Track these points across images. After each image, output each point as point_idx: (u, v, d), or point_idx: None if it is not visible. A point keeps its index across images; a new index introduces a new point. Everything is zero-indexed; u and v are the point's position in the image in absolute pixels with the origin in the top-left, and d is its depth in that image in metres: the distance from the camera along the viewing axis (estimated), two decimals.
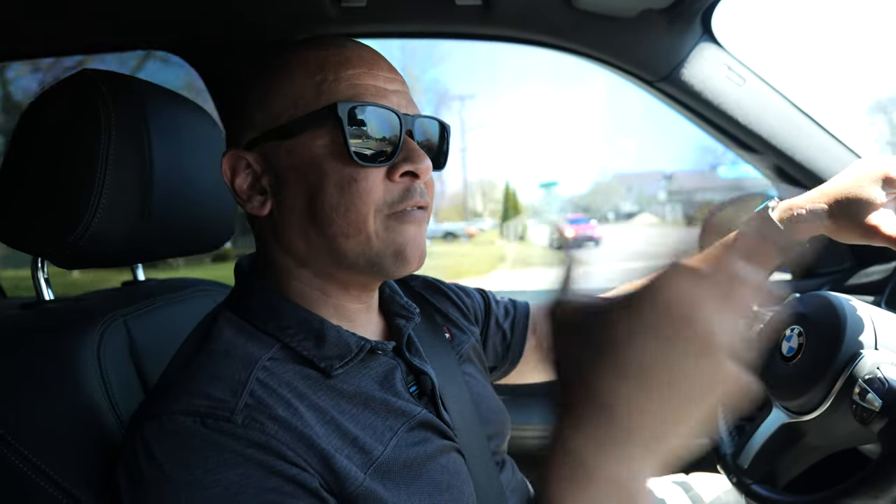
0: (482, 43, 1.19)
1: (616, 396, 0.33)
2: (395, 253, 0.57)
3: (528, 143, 53.64)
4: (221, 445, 0.46)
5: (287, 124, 0.56)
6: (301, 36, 1.14)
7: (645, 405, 0.33)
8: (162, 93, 0.75)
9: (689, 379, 0.33)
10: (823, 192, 0.72)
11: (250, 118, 0.58)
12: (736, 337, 0.34)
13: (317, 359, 0.56)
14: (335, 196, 0.55)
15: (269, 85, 0.57)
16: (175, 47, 1.17)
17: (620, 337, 0.34)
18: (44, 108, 0.67)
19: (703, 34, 1.07)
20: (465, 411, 0.68)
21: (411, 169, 0.57)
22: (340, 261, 0.58)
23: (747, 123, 1.09)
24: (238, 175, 0.59)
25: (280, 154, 0.57)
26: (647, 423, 0.33)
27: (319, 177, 0.55)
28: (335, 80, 0.56)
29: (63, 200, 0.63)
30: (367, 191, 0.55)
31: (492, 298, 0.88)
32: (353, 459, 0.52)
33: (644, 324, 0.33)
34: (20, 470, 0.55)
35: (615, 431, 0.33)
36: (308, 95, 0.56)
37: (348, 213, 0.55)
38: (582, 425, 0.34)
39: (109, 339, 0.68)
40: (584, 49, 1.11)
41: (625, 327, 0.34)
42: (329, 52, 0.57)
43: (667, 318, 0.33)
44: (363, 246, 0.56)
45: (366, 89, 0.56)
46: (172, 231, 0.76)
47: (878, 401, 0.64)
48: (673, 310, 0.33)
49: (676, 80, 1.08)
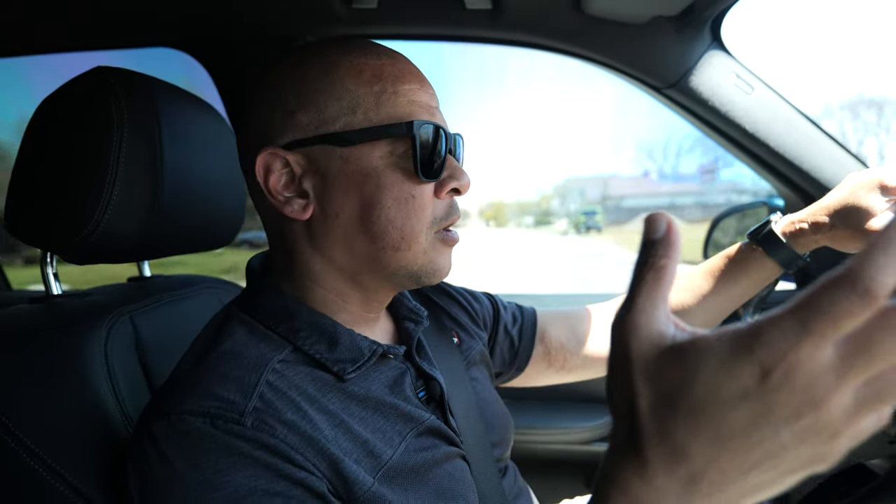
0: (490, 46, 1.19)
1: (704, 458, 0.27)
2: (433, 272, 0.59)
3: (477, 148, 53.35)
4: (231, 447, 0.47)
5: (344, 132, 0.55)
6: (310, 36, 1.15)
7: (734, 476, 0.27)
8: (173, 90, 0.76)
9: (791, 461, 0.27)
10: (823, 205, 0.73)
11: (291, 118, 0.56)
12: (861, 432, 0.26)
13: (329, 362, 0.57)
14: (393, 209, 0.55)
15: (316, 87, 0.56)
16: (182, 44, 1.18)
17: (729, 399, 0.26)
18: (57, 104, 0.67)
19: (712, 42, 1.07)
20: (470, 417, 0.68)
21: (456, 186, 0.59)
22: (380, 271, 0.58)
23: (755, 132, 1.09)
24: (272, 174, 0.56)
25: (333, 159, 0.55)
26: (729, 490, 0.28)
27: (377, 188, 0.55)
28: (394, 93, 0.56)
29: (75, 197, 0.64)
30: (424, 206, 0.57)
31: (500, 304, 0.88)
32: (361, 464, 0.53)
33: (759, 393, 0.26)
34: (27, 464, 0.55)
35: (692, 493, 0.28)
36: (367, 105, 0.55)
37: (404, 227, 0.56)
38: (655, 479, 0.29)
39: (116, 335, 0.68)
40: (593, 54, 1.11)
41: (735, 386, 0.26)
42: (382, 61, 0.57)
43: (789, 397, 0.25)
44: (408, 261, 0.58)
45: (421, 106, 0.57)
46: (182, 227, 0.76)
47: None
48: (800, 389, 0.25)
49: (685, 88, 1.08)
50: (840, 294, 0.24)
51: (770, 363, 0.25)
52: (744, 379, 0.26)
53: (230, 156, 0.85)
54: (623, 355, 0.29)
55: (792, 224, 0.76)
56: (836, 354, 0.25)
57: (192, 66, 1.21)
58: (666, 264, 0.29)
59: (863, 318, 0.24)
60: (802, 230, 0.75)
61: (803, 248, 0.76)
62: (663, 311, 0.29)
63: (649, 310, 0.29)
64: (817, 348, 0.25)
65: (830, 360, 0.25)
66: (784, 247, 0.76)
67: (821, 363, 0.25)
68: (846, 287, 0.24)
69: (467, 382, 0.72)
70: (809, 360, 0.25)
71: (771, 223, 0.78)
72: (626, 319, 0.29)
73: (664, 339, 0.29)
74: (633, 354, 0.29)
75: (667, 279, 0.29)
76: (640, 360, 0.29)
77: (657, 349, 0.28)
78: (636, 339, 0.29)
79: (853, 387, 0.25)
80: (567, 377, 0.91)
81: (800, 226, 0.75)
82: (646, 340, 0.29)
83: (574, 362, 0.89)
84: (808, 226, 0.74)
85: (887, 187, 0.67)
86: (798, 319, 0.25)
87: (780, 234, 0.76)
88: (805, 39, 30.70)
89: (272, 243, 0.63)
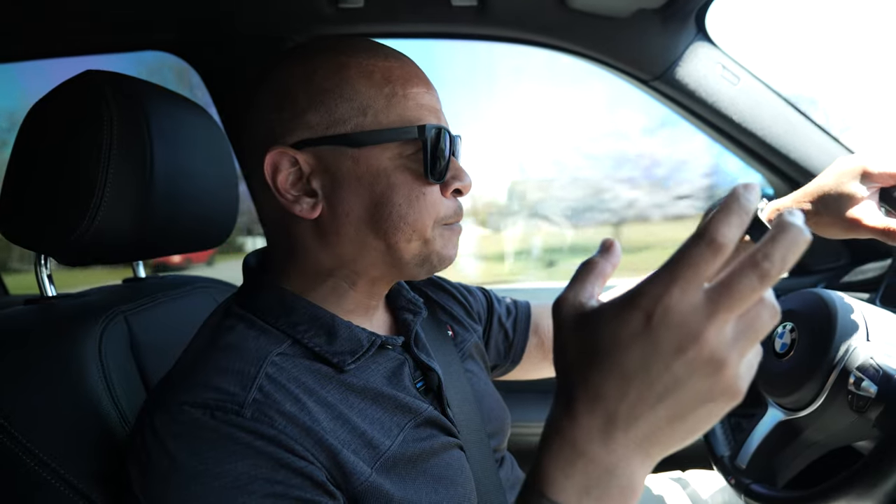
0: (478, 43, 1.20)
1: (615, 396, 0.33)
2: (441, 258, 0.61)
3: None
4: (231, 437, 0.47)
5: (356, 133, 0.56)
6: (297, 36, 1.16)
7: (642, 409, 0.33)
8: (163, 93, 0.76)
9: (690, 392, 0.32)
10: (806, 191, 0.73)
11: (300, 118, 0.56)
12: (747, 364, 0.32)
13: (329, 354, 0.57)
14: (404, 207, 0.57)
15: (325, 87, 0.56)
16: (172, 47, 1.18)
17: (623, 341, 0.33)
18: (48, 107, 0.68)
19: (697, 33, 1.08)
20: (467, 409, 0.69)
21: (460, 187, 0.61)
22: (390, 262, 0.59)
23: (742, 122, 1.11)
24: (280, 173, 0.57)
25: (343, 160, 0.56)
26: (643, 425, 0.33)
27: (388, 188, 0.56)
28: (404, 96, 0.57)
29: (67, 199, 0.64)
30: (432, 205, 0.58)
31: (494, 297, 0.89)
32: (359, 454, 0.53)
33: (645, 332, 0.32)
34: (25, 463, 0.55)
35: (612, 428, 0.34)
36: (377, 107, 0.56)
37: (416, 222, 0.58)
38: (579, 417, 0.35)
39: (111, 335, 0.68)
40: (579, 48, 1.12)
41: (627, 330, 0.33)
42: (391, 63, 0.58)
43: (669, 332, 0.31)
44: (420, 250, 0.59)
45: (428, 110, 0.58)
46: (174, 228, 0.77)
47: (873, 387, 0.65)
48: (676, 325, 0.31)
49: (671, 80, 1.09)
50: (694, 247, 0.31)
51: (650, 307, 0.32)
52: (633, 323, 0.32)
53: (221, 156, 0.86)
54: (556, 322, 0.37)
55: (777, 210, 0.76)
56: (704, 296, 0.31)
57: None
58: (597, 261, 0.38)
59: (717, 264, 0.31)
60: None
61: None
62: (589, 290, 0.37)
63: (577, 288, 0.37)
64: (685, 292, 0.31)
65: (699, 300, 0.31)
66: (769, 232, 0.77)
67: (691, 303, 0.31)
68: (699, 241, 0.31)
69: (463, 374, 0.72)
70: (680, 302, 0.31)
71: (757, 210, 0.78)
72: (560, 296, 0.38)
73: (583, 308, 0.36)
74: (561, 321, 0.37)
75: (595, 270, 0.37)
76: (566, 323, 0.36)
77: (577, 314, 0.36)
78: (564, 308, 0.37)
79: (726, 321, 0.31)
80: None
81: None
82: (570, 309, 0.36)
83: None
84: None
85: (871, 174, 0.67)
86: (668, 270, 0.32)
87: (765, 222, 0.77)
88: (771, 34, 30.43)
89: (273, 241, 0.63)
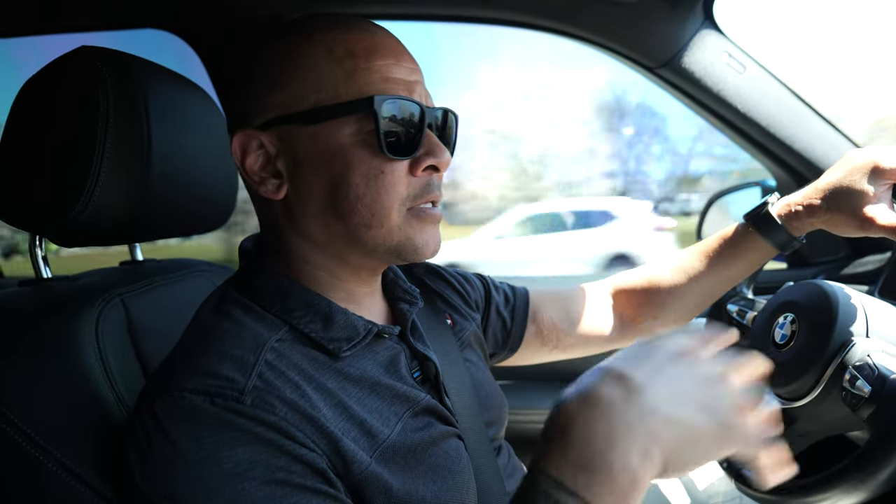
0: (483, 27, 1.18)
1: (622, 465, 0.41)
2: (413, 248, 0.58)
3: None
4: (231, 423, 0.47)
5: (312, 110, 0.54)
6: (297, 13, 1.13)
7: (646, 476, 0.42)
8: (161, 71, 0.75)
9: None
10: (817, 187, 0.72)
11: (265, 98, 0.56)
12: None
13: (325, 341, 0.57)
14: (361, 187, 0.55)
15: (289, 65, 0.55)
16: (169, 25, 1.16)
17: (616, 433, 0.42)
18: (42, 84, 0.66)
19: (704, 21, 1.06)
20: (465, 398, 0.69)
21: (434, 163, 0.58)
22: (359, 248, 0.58)
23: (747, 111, 1.10)
24: (248, 155, 0.57)
25: (302, 139, 0.55)
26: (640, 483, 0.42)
27: (345, 166, 0.55)
28: (366, 69, 0.55)
29: (62, 178, 0.63)
30: (394, 184, 0.56)
31: (491, 285, 0.89)
32: (359, 443, 0.53)
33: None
34: (20, 446, 0.55)
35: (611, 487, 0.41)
36: (337, 82, 0.54)
37: (374, 204, 0.55)
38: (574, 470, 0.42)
39: (107, 317, 0.68)
40: (585, 34, 1.10)
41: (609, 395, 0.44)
42: (356, 36, 0.56)
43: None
44: (384, 237, 0.57)
45: (395, 82, 0.56)
46: (172, 210, 0.76)
47: (867, 387, 0.65)
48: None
49: (677, 67, 1.08)
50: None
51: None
52: (615, 392, 0.44)
53: (220, 137, 0.84)
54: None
55: (787, 206, 0.75)
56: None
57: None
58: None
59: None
60: (797, 213, 0.74)
61: (798, 231, 0.76)
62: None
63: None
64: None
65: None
66: (779, 229, 0.76)
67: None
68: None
69: (461, 363, 0.72)
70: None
71: (767, 205, 0.77)
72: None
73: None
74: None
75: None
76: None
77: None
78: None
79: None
80: (561, 355, 0.92)
81: (795, 208, 0.74)
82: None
83: (567, 341, 0.90)
84: (803, 208, 0.73)
85: (883, 170, 0.66)
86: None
87: (776, 217, 0.76)
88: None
89: (261, 224, 0.63)
